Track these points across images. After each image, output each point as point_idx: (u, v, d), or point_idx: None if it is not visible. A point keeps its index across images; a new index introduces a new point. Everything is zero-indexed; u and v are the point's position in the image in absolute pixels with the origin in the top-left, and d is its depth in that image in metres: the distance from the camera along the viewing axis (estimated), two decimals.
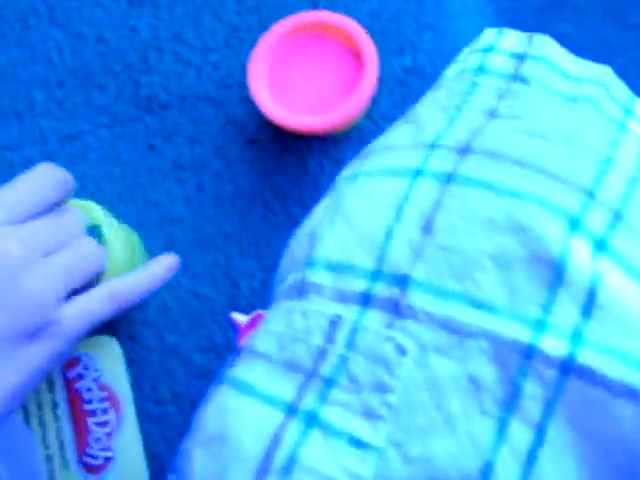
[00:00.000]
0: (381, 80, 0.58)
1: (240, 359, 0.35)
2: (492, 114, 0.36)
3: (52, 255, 0.43)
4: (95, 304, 0.45)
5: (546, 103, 0.36)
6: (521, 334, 0.30)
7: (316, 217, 0.38)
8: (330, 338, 0.32)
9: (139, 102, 0.59)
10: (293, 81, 0.55)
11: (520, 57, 0.38)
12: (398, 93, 0.58)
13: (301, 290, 0.35)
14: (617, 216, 0.32)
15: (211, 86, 0.59)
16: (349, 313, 0.33)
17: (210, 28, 0.60)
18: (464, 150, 0.34)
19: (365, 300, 0.33)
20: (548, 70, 0.37)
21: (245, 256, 0.55)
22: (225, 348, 0.54)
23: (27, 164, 0.58)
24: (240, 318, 0.51)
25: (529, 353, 0.30)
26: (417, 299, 0.32)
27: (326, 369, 0.32)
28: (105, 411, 0.52)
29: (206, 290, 0.55)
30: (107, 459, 0.52)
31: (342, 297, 0.33)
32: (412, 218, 0.33)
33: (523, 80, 0.37)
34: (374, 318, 0.32)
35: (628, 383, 0.29)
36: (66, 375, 0.53)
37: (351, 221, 0.35)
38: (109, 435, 0.52)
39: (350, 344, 0.32)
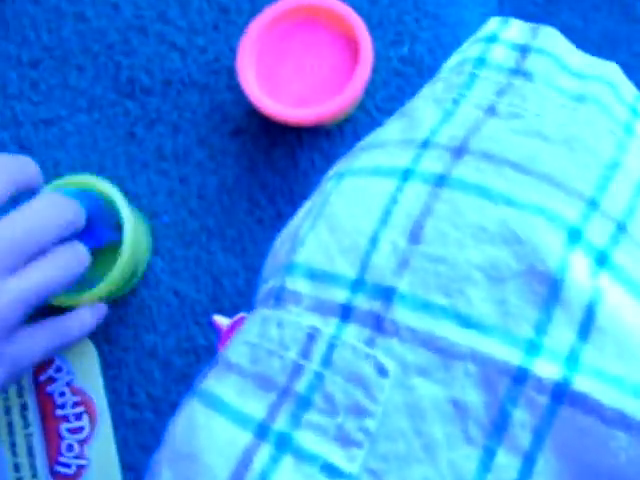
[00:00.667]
0: (376, 70, 0.57)
1: (213, 369, 0.35)
2: (491, 111, 0.35)
3: (27, 270, 0.42)
4: (46, 339, 0.46)
5: (549, 101, 0.34)
6: (511, 356, 0.29)
7: (300, 217, 0.37)
8: (306, 353, 0.32)
9: (120, 86, 0.58)
10: (284, 69, 0.54)
11: (523, 49, 0.37)
12: (394, 84, 0.57)
13: (279, 297, 0.34)
14: (621, 227, 0.31)
15: (197, 71, 0.58)
16: (327, 326, 0.32)
17: (197, 8, 0.59)
18: (459, 150, 0.33)
19: (345, 313, 0.32)
20: (552, 65, 0.36)
21: (229, 253, 0.55)
22: (206, 350, 0.53)
23: None
24: (222, 321, 0.51)
25: (519, 377, 0.29)
26: (401, 314, 0.31)
27: (301, 386, 0.31)
28: (79, 416, 0.52)
29: (187, 289, 0.54)
30: (80, 467, 0.51)
31: (321, 308, 0.32)
32: (399, 224, 0.32)
33: (525, 75, 0.36)
34: (353, 333, 0.31)
35: (625, 412, 0.28)
36: (37, 378, 0.52)
37: (334, 224, 0.34)
38: (83, 442, 0.51)
39: (327, 360, 0.31)
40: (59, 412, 0.52)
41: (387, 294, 0.31)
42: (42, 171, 0.57)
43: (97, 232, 0.51)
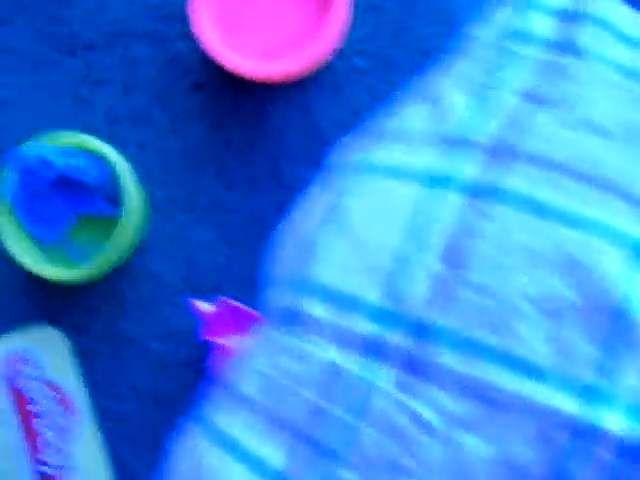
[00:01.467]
0: (351, 7, 0.53)
1: (221, 398, 0.33)
2: (536, 99, 0.31)
3: None
4: None
5: (604, 83, 0.30)
6: (570, 406, 0.27)
7: (311, 221, 0.34)
8: (328, 395, 0.29)
9: (59, 42, 0.54)
10: (246, 14, 0.51)
11: (570, 17, 0.32)
12: (371, 22, 0.53)
13: (293, 320, 0.32)
14: None
15: (145, 19, 0.54)
16: (353, 364, 0.29)
17: None
18: (501, 152, 0.30)
19: (373, 348, 0.29)
20: (606, 35, 0.32)
21: (201, 225, 0.52)
22: (186, 334, 0.52)
23: None
24: (203, 306, 0.47)
25: (581, 431, 0.26)
26: (440, 355, 0.28)
27: (327, 436, 0.28)
28: (57, 412, 0.51)
29: (159, 268, 0.52)
30: (65, 466, 0.51)
31: (343, 339, 0.30)
32: (433, 243, 0.29)
33: (575, 51, 0.31)
34: (384, 375, 0.29)
35: None
36: (7, 376, 0.51)
37: (354, 238, 0.31)
38: (64, 439, 0.51)
39: (356, 408, 0.28)
40: (34, 408, 0.51)
41: (422, 329, 0.28)
42: None
43: (98, 201, 0.51)
